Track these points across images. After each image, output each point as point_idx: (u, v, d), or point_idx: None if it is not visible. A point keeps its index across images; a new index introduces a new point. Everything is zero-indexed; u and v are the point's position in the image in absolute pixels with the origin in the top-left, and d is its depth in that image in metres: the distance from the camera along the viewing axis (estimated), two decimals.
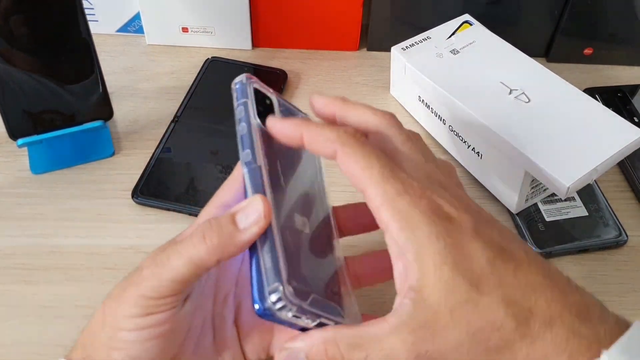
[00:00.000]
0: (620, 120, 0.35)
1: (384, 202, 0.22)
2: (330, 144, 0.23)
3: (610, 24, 0.48)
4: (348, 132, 0.23)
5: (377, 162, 0.22)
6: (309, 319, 0.22)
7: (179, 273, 0.22)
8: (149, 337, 0.23)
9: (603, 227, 0.37)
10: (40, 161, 0.40)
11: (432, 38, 0.43)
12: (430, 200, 0.22)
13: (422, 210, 0.22)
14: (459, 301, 0.21)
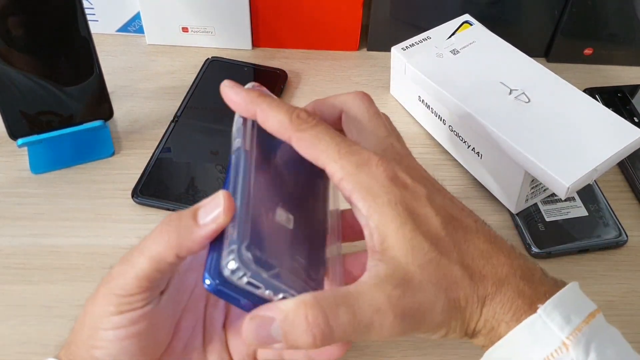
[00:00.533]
0: (621, 121, 0.35)
1: (344, 176, 0.23)
2: (284, 130, 0.24)
3: (610, 24, 0.48)
4: (301, 116, 0.24)
5: (332, 141, 0.23)
6: (270, 290, 0.21)
7: (141, 270, 0.23)
8: (126, 336, 0.23)
9: (603, 227, 0.37)
10: (40, 161, 0.40)
11: (432, 38, 0.43)
12: (387, 169, 0.23)
13: (380, 180, 0.23)
14: (424, 259, 0.22)
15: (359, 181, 0.23)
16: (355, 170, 0.23)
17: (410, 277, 0.22)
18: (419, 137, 0.44)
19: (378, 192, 0.23)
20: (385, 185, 0.23)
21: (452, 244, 0.23)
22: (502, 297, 0.23)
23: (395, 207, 0.23)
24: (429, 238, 0.23)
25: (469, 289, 0.23)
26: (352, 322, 0.21)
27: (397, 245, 0.22)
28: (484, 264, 0.23)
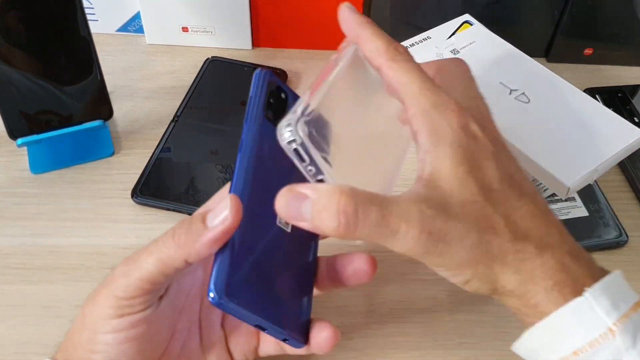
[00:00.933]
0: (621, 121, 0.35)
1: (417, 111, 0.23)
2: (377, 56, 0.24)
3: (611, 24, 0.48)
4: (398, 49, 0.24)
5: (419, 78, 0.24)
6: (312, 167, 0.23)
7: (147, 271, 0.23)
8: (125, 339, 0.23)
9: (603, 228, 0.37)
10: (39, 161, 0.40)
11: (432, 38, 0.43)
12: (462, 116, 0.23)
13: (451, 123, 0.23)
14: (469, 199, 0.22)
15: (430, 119, 0.23)
16: (430, 108, 0.23)
17: (449, 207, 0.22)
18: None
19: (445, 132, 0.23)
20: (454, 129, 0.23)
21: (504, 198, 0.23)
22: (544, 263, 0.22)
23: (457, 149, 0.23)
24: (481, 184, 0.23)
25: (506, 240, 0.22)
26: (379, 223, 0.21)
27: (447, 179, 0.22)
28: (531, 227, 0.23)
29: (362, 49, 0.25)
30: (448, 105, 0.23)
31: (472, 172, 0.23)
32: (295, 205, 0.21)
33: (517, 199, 0.23)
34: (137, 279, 0.23)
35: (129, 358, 0.24)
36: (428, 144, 0.23)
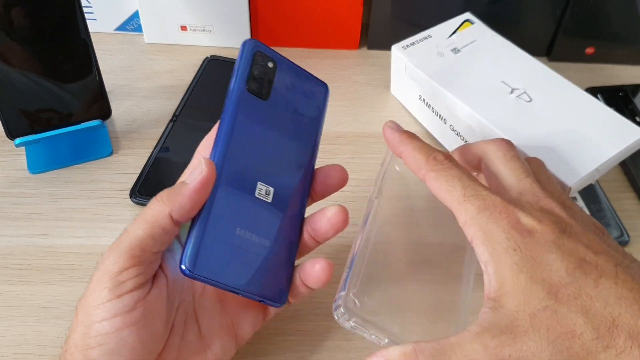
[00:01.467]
0: (622, 120, 0.35)
1: (467, 219, 0.24)
2: (419, 169, 0.26)
3: (612, 23, 0.48)
4: (437, 158, 0.26)
5: (460, 184, 0.25)
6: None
7: (135, 236, 0.24)
8: (122, 325, 0.23)
9: (605, 227, 0.37)
10: (37, 161, 0.39)
11: (433, 37, 0.43)
12: (511, 215, 0.23)
13: (501, 225, 0.23)
14: (537, 308, 0.21)
15: (481, 225, 0.23)
16: (478, 214, 0.24)
17: (515, 326, 0.21)
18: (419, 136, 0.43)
19: (497, 237, 0.23)
20: (506, 231, 0.23)
21: (578, 290, 0.22)
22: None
23: (513, 253, 0.22)
24: (548, 285, 0.22)
25: (590, 339, 0.21)
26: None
27: (511, 293, 0.22)
28: (619, 312, 0.21)
29: (407, 164, 0.27)
30: (495, 207, 0.24)
31: (535, 275, 0.22)
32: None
33: (595, 284, 0.22)
34: (127, 247, 0.23)
35: (130, 348, 0.23)
36: (485, 253, 0.23)
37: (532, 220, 0.23)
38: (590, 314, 0.21)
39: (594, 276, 0.22)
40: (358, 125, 0.44)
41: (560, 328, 0.21)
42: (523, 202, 0.24)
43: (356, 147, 0.42)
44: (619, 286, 0.22)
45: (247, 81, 0.27)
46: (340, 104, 0.45)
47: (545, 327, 0.21)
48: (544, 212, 0.24)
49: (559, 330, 0.21)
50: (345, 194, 0.39)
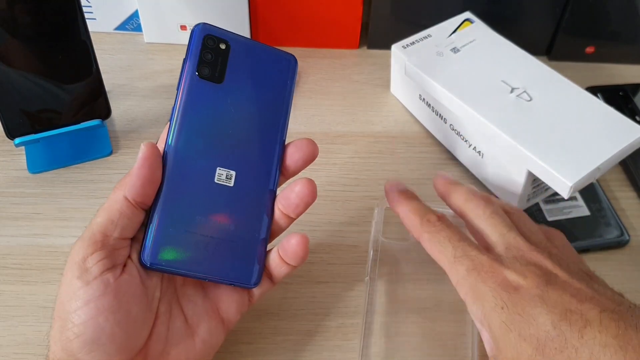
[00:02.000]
0: (623, 119, 0.35)
1: (458, 279, 0.26)
2: (414, 231, 0.28)
3: (612, 22, 0.47)
4: (430, 220, 0.28)
5: (450, 245, 0.26)
6: None
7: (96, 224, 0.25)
8: (96, 311, 0.23)
9: (605, 227, 0.37)
10: (37, 160, 0.39)
11: (432, 36, 0.43)
12: (497, 273, 0.25)
13: (489, 284, 0.25)
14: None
15: (470, 285, 0.25)
16: (467, 274, 0.25)
17: None
18: (419, 136, 0.43)
19: (486, 296, 0.24)
20: (493, 289, 0.24)
21: (564, 343, 0.22)
22: None
23: (501, 312, 0.24)
24: (535, 341, 0.23)
25: None
26: None
27: (504, 352, 0.23)
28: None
29: (403, 223, 0.29)
30: (482, 267, 0.25)
31: (523, 332, 0.23)
32: None
33: (579, 335, 0.22)
34: (89, 234, 0.24)
35: (108, 335, 0.23)
36: (478, 312, 0.25)
37: (518, 277, 0.24)
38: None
39: (578, 326, 0.22)
40: (358, 124, 0.44)
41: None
42: (509, 258, 0.26)
43: (356, 146, 0.42)
44: (603, 334, 0.22)
45: (197, 67, 0.27)
46: (340, 103, 0.45)
47: None
48: (529, 265, 0.25)
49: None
50: (345, 193, 0.39)
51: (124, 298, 0.24)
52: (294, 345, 0.31)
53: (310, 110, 0.45)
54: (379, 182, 0.40)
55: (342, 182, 0.40)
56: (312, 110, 0.45)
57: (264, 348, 0.31)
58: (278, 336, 0.32)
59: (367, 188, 0.40)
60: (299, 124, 0.43)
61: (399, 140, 0.43)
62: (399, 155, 0.42)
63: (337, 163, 0.41)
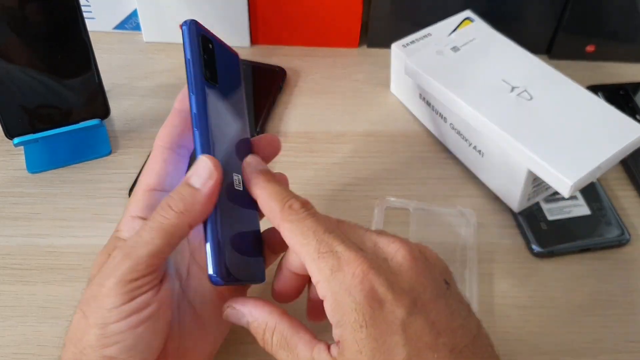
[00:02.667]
0: (623, 118, 0.35)
1: (320, 279, 0.23)
2: (273, 218, 0.25)
3: (613, 21, 0.47)
4: (293, 207, 0.25)
5: (314, 238, 0.23)
6: None
7: (155, 246, 0.23)
8: (137, 322, 0.23)
9: (605, 226, 0.37)
10: (36, 160, 0.39)
11: (432, 35, 0.43)
12: (365, 280, 0.22)
13: (353, 293, 0.22)
14: None
15: (332, 289, 0.23)
16: (330, 276, 0.23)
17: None
18: (419, 135, 0.43)
19: (347, 308, 0.22)
20: (356, 301, 0.22)
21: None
22: None
23: (359, 330, 0.22)
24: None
25: None
26: None
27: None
28: None
29: (261, 208, 0.26)
30: (349, 268, 0.22)
31: (375, 357, 0.22)
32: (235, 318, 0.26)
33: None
34: (145, 257, 0.23)
35: (146, 343, 0.24)
36: (334, 320, 0.23)
37: (387, 290, 0.22)
38: None
39: (435, 356, 0.22)
40: (358, 123, 0.44)
41: None
42: (379, 257, 0.24)
43: (356, 145, 0.42)
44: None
45: (202, 70, 0.25)
46: (340, 102, 0.45)
47: None
48: (396, 277, 0.23)
49: None
50: (345, 193, 0.39)
51: (161, 308, 0.24)
52: None
53: (310, 110, 0.45)
54: (379, 182, 0.40)
55: (342, 181, 0.40)
56: (312, 110, 0.45)
57: None
58: None
59: (367, 187, 0.40)
60: (299, 124, 0.43)
61: (399, 139, 0.43)
62: (399, 154, 0.42)
63: (337, 162, 0.41)
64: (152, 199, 0.26)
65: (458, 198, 0.39)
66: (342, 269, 0.23)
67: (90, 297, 0.24)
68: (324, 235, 0.23)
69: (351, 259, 0.23)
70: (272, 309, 0.25)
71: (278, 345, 0.24)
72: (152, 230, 0.23)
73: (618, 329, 0.33)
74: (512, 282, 0.35)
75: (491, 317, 0.33)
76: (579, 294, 0.34)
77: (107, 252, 0.25)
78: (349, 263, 0.23)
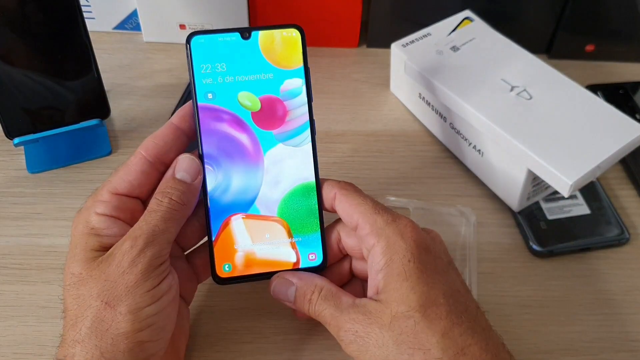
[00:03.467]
0: (623, 117, 0.35)
1: (373, 229, 0.26)
2: (330, 188, 0.29)
3: (612, 21, 0.47)
4: (348, 183, 0.29)
5: (371, 201, 0.27)
6: None
7: (170, 234, 0.26)
8: (167, 303, 0.26)
9: (605, 226, 0.37)
10: (36, 160, 0.39)
11: (432, 34, 0.43)
12: (415, 230, 0.26)
13: (405, 238, 0.26)
14: (403, 313, 0.24)
15: (386, 235, 0.26)
16: (385, 225, 0.26)
17: (378, 316, 0.25)
18: (419, 134, 0.43)
19: (399, 248, 0.26)
20: (407, 244, 0.26)
21: (446, 312, 0.24)
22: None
23: (407, 264, 0.25)
24: (423, 300, 0.24)
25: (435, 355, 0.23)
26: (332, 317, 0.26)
27: (389, 292, 0.25)
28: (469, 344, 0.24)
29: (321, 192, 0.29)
30: (401, 221, 0.26)
31: (417, 286, 0.25)
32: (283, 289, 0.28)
33: (459, 315, 0.25)
34: (166, 243, 0.26)
35: (172, 323, 0.26)
36: (382, 261, 0.26)
37: (430, 243, 0.27)
38: (447, 336, 0.24)
39: (462, 308, 0.25)
40: (357, 123, 0.44)
41: (414, 339, 0.24)
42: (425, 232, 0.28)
43: (356, 145, 0.42)
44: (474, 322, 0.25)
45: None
46: (339, 102, 0.45)
47: (398, 332, 0.24)
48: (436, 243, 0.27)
49: (411, 340, 0.24)
50: None
51: (177, 287, 0.27)
52: (294, 345, 0.31)
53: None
54: (379, 181, 0.40)
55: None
56: None
57: (265, 347, 0.31)
58: (279, 335, 0.32)
59: (367, 187, 0.39)
60: None
61: (399, 139, 0.43)
62: (398, 154, 0.42)
63: (337, 162, 0.41)
64: (121, 202, 0.27)
65: (458, 197, 0.39)
66: (397, 220, 0.26)
67: (112, 288, 0.24)
68: (377, 202, 0.27)
69: (404, 219, 0.27)
70: (318, 276, 0.28)
71: (323, 298, 0.26)
72: (166, 220, 0.26)
73: (618, 328, 0.33)
74: (512, 281, 0.35)
75: (491, 317, 0.33)
76: (578, 293, 0.34)
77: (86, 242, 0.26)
78: (402, 218, 0.27)
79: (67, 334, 0.24)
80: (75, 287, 0.25)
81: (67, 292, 0.25)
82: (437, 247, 0.27)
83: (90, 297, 0.24)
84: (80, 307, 0.24)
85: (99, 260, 0.25)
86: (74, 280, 0.25)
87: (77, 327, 0.24)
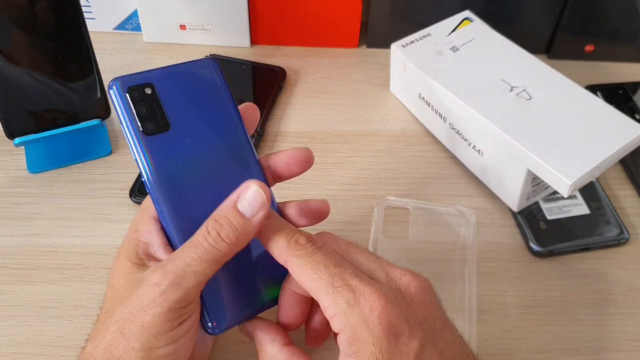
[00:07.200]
0: (622, 117, 0.35)
1: (336, 313, 0.23)
2: (279, 254, 0.24)
3: (612, 21, 0.47)
4: (299, 242, 0.24)
5: (326, 272, 0.23)
6: None
7: (204, 276, 0.23)
8: (184, 342, 0.24)
9: (605, 225, 0.37)
10: (37, 160, 0.39)
11: (432, 35, 0.43)
12: (383, 314, 0.22)
13: (372, 327, 0.22)
14: None
15: (350, 323, 0.23)
16: (348, 309, 0.23)
17: None
18: (419, 134, 0.43)
19: (365, 341, 0.22)
20: (374, 335, 0.22)
21: None
22: None
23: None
24: None
25: None
26: None
27: None
28: None
29: (265, 247, 0.25)
30: (366, 303, 0.23)
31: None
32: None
33: None
34: (194, 286, 0.23)
35: (189, 349, 0.25)
36: (349, 350, 0.23)
37: (402, 323, 0.23)
38: None
39: None
40: (357, 123, 0.44)
41: None
42: (393, 289, 0.24)
43: (356, 145, 0.42)
44: None
45: (140, 127, 0.25)
46: (339, 102, 0.45)
47: None
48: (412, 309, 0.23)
49: None
50: (344, 192, 0.39)
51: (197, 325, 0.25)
52: None
53: (309, 110, 0.45)
54: (379, 181, 0.40)
55: (342, 181, 0.40)
56: (311, 110, 0.45)
57: None
58: None
59: (366, 187, 0.40)
60: (299, 124, 0.43)
61: (399, 139, 0.43)
62: (398, 154, 0.42)
63: (337, 162, 0.41)
64: None
65: (457, 197, 0.39)
66: (359, 302, 0.23)
67: (129, 320, 0.23)
68: (336, 269, 0.23)
69: (367, 292, 0.23)
70: (275, 337, 0.26)
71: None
72: (203, 261, 0.23)
73: (618, 327, 0.33)
74: (512, 281, 0.35)
75: (490, 316, 0.33)
76: (578, 293, 0.34)
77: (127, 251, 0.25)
78: (366, 297, 0.23)
79: (89, 343, 0.24)
80: (107, 300, 0.25)
81: (104, 299, 0.25)
82: (418, 314, 0.23)
83: (111, 319, 0.24)
84: (103, 324, 0.24)
85: (133, 280, 0.24)
86: (108, 292, 0.25)
87: (96, 341, 0.24)
